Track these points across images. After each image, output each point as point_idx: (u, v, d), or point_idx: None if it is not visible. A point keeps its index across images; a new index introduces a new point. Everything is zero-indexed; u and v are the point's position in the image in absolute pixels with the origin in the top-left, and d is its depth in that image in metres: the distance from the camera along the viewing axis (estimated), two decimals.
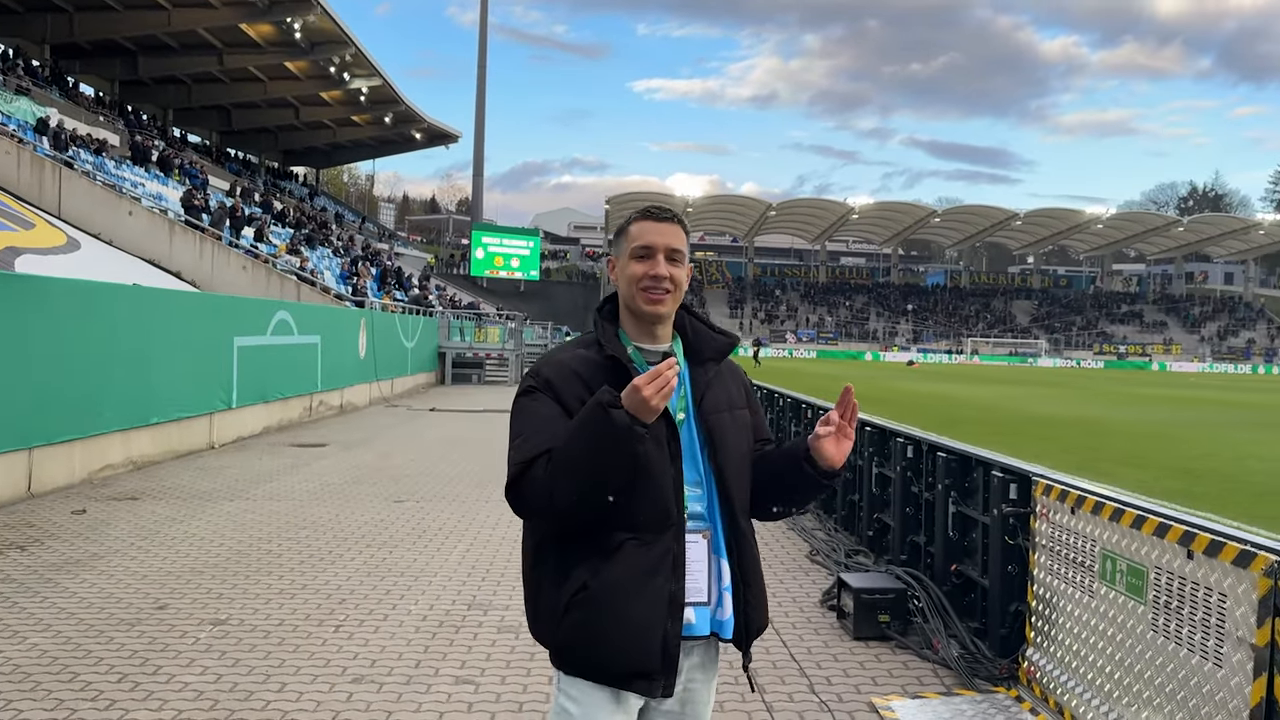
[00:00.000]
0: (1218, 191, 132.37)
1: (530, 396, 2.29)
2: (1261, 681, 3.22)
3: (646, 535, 2.19)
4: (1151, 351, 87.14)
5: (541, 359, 2.39)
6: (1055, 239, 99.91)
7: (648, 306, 2.31)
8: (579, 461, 2.09)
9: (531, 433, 2.21)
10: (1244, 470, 13.78)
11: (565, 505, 2.13)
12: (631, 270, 2.32)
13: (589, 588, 2.16)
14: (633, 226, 2.36)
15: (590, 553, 2.19)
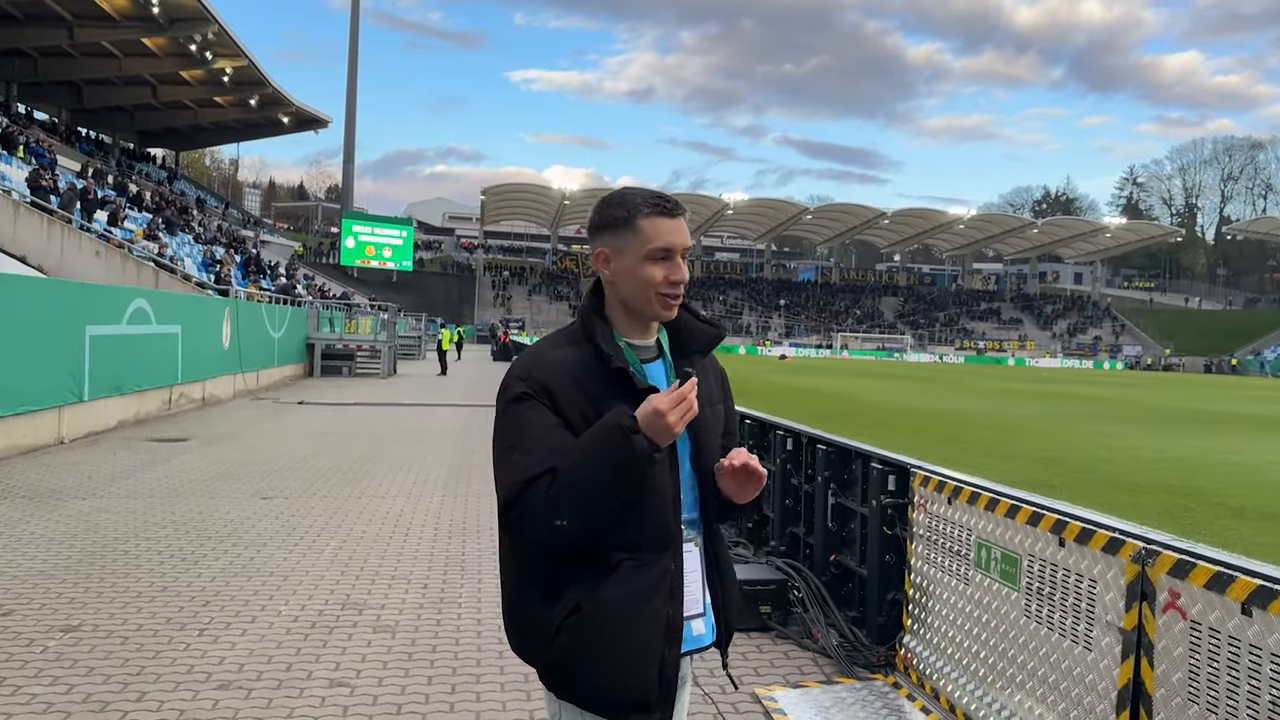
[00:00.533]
0: (1069, 196, 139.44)
1: (525, 404, 2.04)
2: (1129, 664, 3.34)
3: (645, 555, 2.05)
4: (1008, 347, 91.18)
5: (529, 357, 2.13)
6: (920, 238, 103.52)
7: (664, 311, 2.14)
8: (591, 488, 1.93)
9: (531, 446, 1.99)
10: (1095, 460, 14.51)
11: (570, 531, 1.95)
12: (649, 273, 2.10)
13: (582, 610, 2.00)
14: (644, 222, 2.10)
15: (583, 572, 2.02)
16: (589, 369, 2.07)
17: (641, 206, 2.10)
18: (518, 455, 1.99)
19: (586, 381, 2.05)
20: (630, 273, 2.11)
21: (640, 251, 2.10)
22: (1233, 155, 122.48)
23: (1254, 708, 2.84)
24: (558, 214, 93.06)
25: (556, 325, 35.74)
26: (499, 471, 2.02)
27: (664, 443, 1.95)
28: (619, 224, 2.12)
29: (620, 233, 2.12)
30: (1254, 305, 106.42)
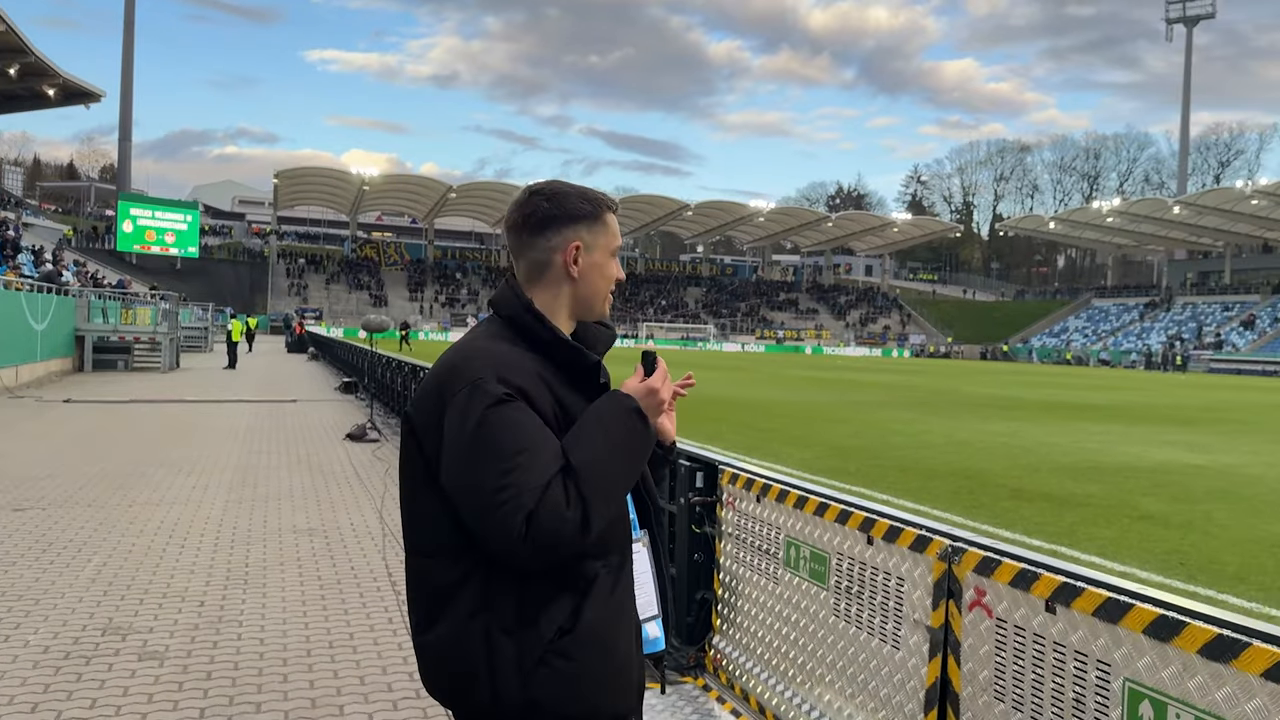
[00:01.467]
0: (860, 192, 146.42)
1: (512, 405, 1.81)
2: (936, 662, 3.31)
3: (614, 559, 1.93)
4: (805, 336, 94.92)
5: (487, 357, 1.88)
6: (722, 230, 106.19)
7: (607, 310, 2.12)
8: (616, 477, 1.84)
9: (538, 447, 1.78)
10: (889, 446, 15.12)
11: (597, 531, 1.78)
12: (612, 269, 2.09)
13: (573, 630, 1.84)
14: (610, 218, 2.08)
15: (560, 590, 1.85)
16: (547, 368, 1.93)
17: (604, 201, 2.08)
18: (525, 458, 1.75)
19: (552, 382, 1.92)
20: (598, 268, 2.05)
21: (609, 247, 2.08)
22: (1004, 157, 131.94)
23: (1058, 704, 2.83)
24: (357, 200, 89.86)
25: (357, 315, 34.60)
26: (502, 481, 1.73)
27: (654, 420, 1.95)
28: (589, 218, 2.04)
29: (592, 227, 2.05)
30: (1022, 297, 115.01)
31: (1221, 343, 76.59)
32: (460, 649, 1.85)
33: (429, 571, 1.90)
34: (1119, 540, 8.60)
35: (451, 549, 1.86)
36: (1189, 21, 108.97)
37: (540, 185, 2.06)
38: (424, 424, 1.89)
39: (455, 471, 1.80)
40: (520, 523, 1.70)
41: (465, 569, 1.85)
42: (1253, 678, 2.28)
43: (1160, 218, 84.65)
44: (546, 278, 2.03)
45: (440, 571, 1.88)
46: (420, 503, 1.91)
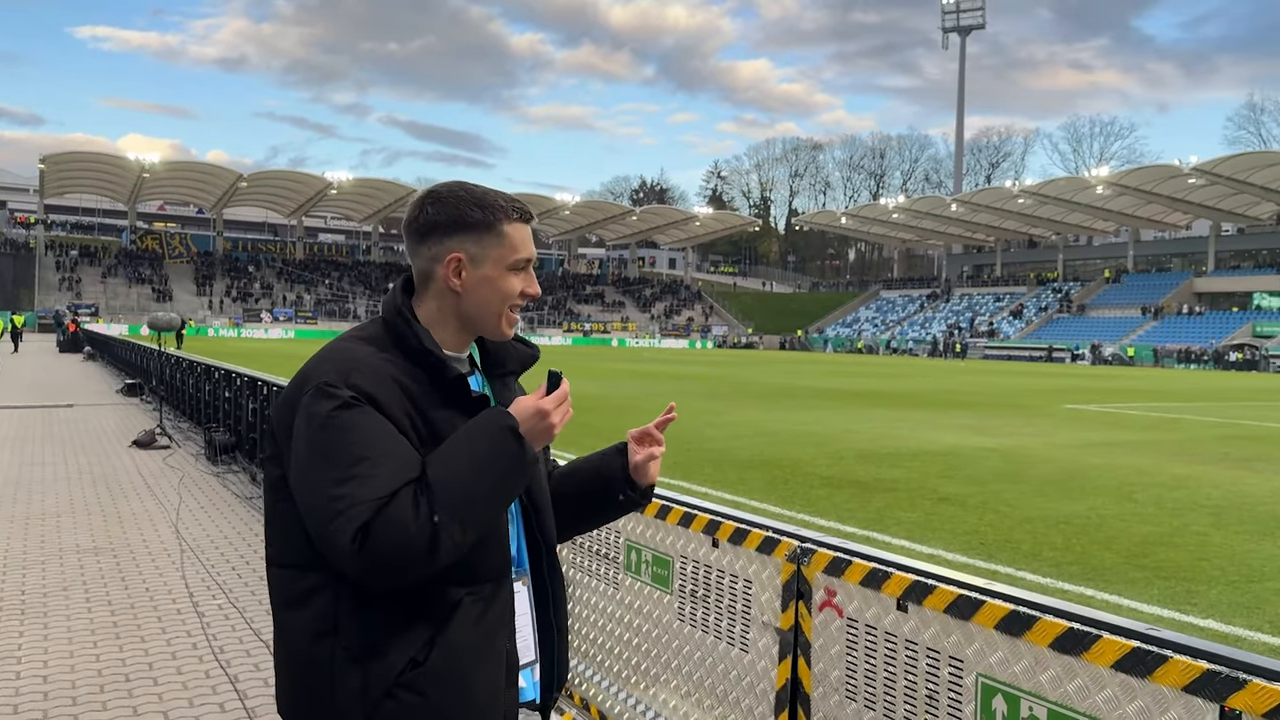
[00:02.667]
0: (663, 186, 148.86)
1: (357, 409, 1.65)
2: (786, 664, 3.29)
3: (482, 588, 1.77)
4: (612, 329, 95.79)
5: (339, 361, 1.73)
6: None
7: (508, 329, 1.93)
8: (479, 499, 1.66)
9: (382, 455, 1.62)
10: (701, 438, 15.38)
11: (448, 556, 1.61)
12: (510, 285, 1.87)
13: (425, 662, 1.69)
14: (510, 228, 1.86)
15: (415, 616, 1.70)
16: (413, 377, 1.77)
17: (506, 210, 1.87)
18: (365, 467, 1.60)
19: (413, 391, 1.75)
20: (490, 283, 1.86)
21: (505, 261, 1.87)
22: (799, 154, 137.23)
23: (911, 702, 2.86)
24: (136, 188, 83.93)
25: (139, 311, 32.48)
26: (338, 491, 1.59)
27: (540, 446, 1.77)
28: (479, 227, 1.85)
29: (481, 238, 1.85)
30: (817, 289, 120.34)
31: (994, 331, 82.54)
32: (305, 676, 1.73)
33: (281, 583, 1.78)
34: (924, 523, 9.01)
35: (302, 562, 1.72)
36: (962, 31, 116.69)
37: (438, 186, 1.90)
38: (279, 429, 1.76)
39: (297, 479, 1.68)
40: (351, 536, 1.56)
41: (315, 584, 1.71)
42: (1103, 669, 2.34)
43: (939, 214, 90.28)
44: (430, 288, 1.87)
45: (290, 584, 1.75)
46: (275, 510, 1.79)
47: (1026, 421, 19.86)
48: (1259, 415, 23.19)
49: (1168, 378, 47.59)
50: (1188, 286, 77.40)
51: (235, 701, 4.59)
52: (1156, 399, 28.80)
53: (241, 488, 10.15)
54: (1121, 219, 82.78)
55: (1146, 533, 8.78)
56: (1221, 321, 70.50)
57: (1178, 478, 12.17)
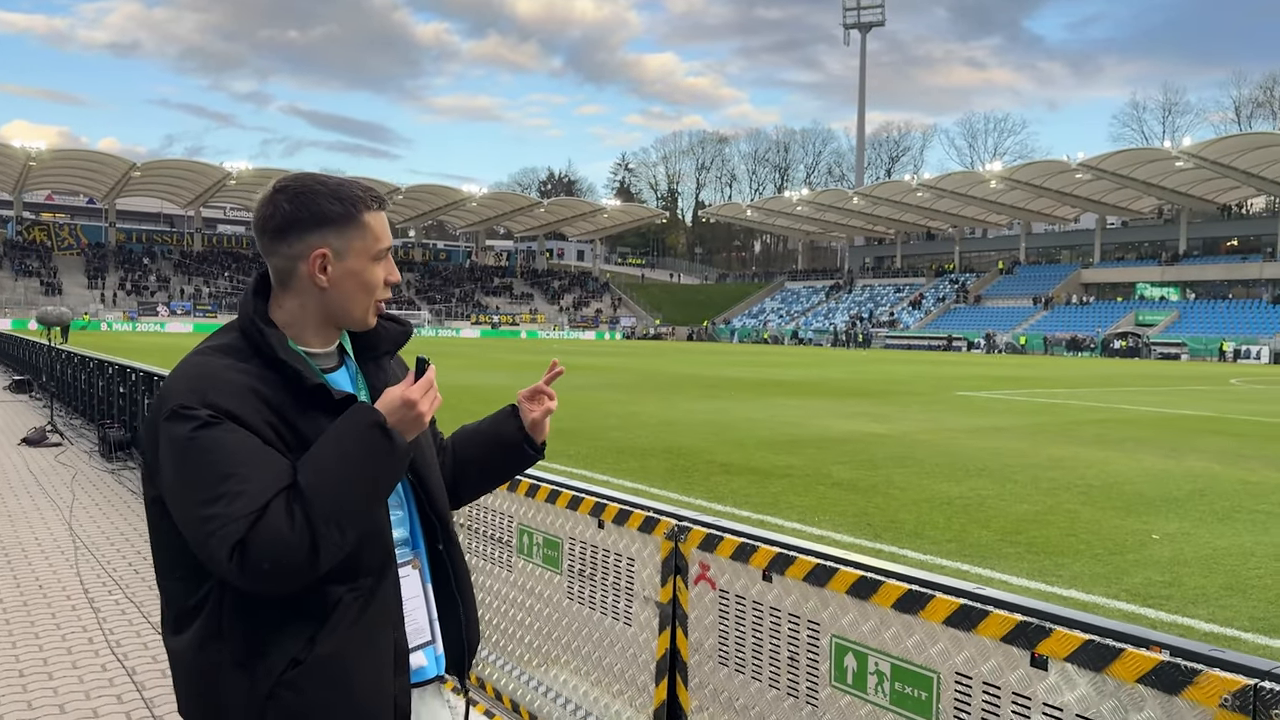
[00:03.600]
0: (571, 178, 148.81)
1: (218, 427, 1.64)
2: (666, 635, 3.52)
3: (364, 582, 1.78)
4: (520, 321, 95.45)
5: (193, 378, 1.72)
6: (435, 214, 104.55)
7: (374, 319, 1.93)
8: (350, 500, 1.66)
9: (249, 470, 1.62)
10: (606, 427, 15.58)
11: (330, 559, 1.64)
12: (374, 275, 1.87)
13: (304, 662, 1.71)
14: (369, 218, 1.85)
15: (295, 617, 1.71)
16: (273, 386, 1.75)
17: (364, 200, 1.85)
18: (233, 484, 1.60)
19: (274, 400, 1.74)
20: (354, 276, 1.85)
21: (369, 251, 1.85)
22: (705, 147, 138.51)
23: (775, 663, 3.10)
24: (22, 176, 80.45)
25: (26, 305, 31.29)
26: (207, 511, 1.59)
27: (410, 436, 1.76)
28: (339, 220, 1.82)
29: (343, 230, 1.83)
30: (724, 280, 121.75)
31: (895, 320, 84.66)
32: (195, 682, 1.76)
33: (173, 595, 1.80)
34: (816, 506, 9.38)
35: (187, 573, 1.74)
36: (863, 28, 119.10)
37: (287, 180, 1.86)
38: (148, 450, 1.77)
39: (170, 501, 1.70)
40: (228, 553, 1.57)
41: (204, 594, 1.73)
42: (936, 625, 2.61)
43: (842, 207, 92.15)
44: (292, 287, 1.84)
45: (182, 594, 1.77)
46: (156, 526, 1.80)
47: (921, 408, 20.57)
48: (1137, 400, 24.41)
49: (1056, 365, 49.56)
50: (1075, 278, 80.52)
51: (133, 693, 4.64)
52: (1043, 385, 30.04)
53: (138, 484, 10.00)
54: (1014, 212, 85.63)
55: (1022, 511, 9.29)
56: (1107, 311, 73.57)
57: (1055, 459, 12.83)
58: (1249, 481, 11.32)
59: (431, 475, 2.03)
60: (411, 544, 1.98)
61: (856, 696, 2.82)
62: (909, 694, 2.68)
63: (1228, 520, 9.05)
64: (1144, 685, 2.17)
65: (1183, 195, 73.69)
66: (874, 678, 2.77)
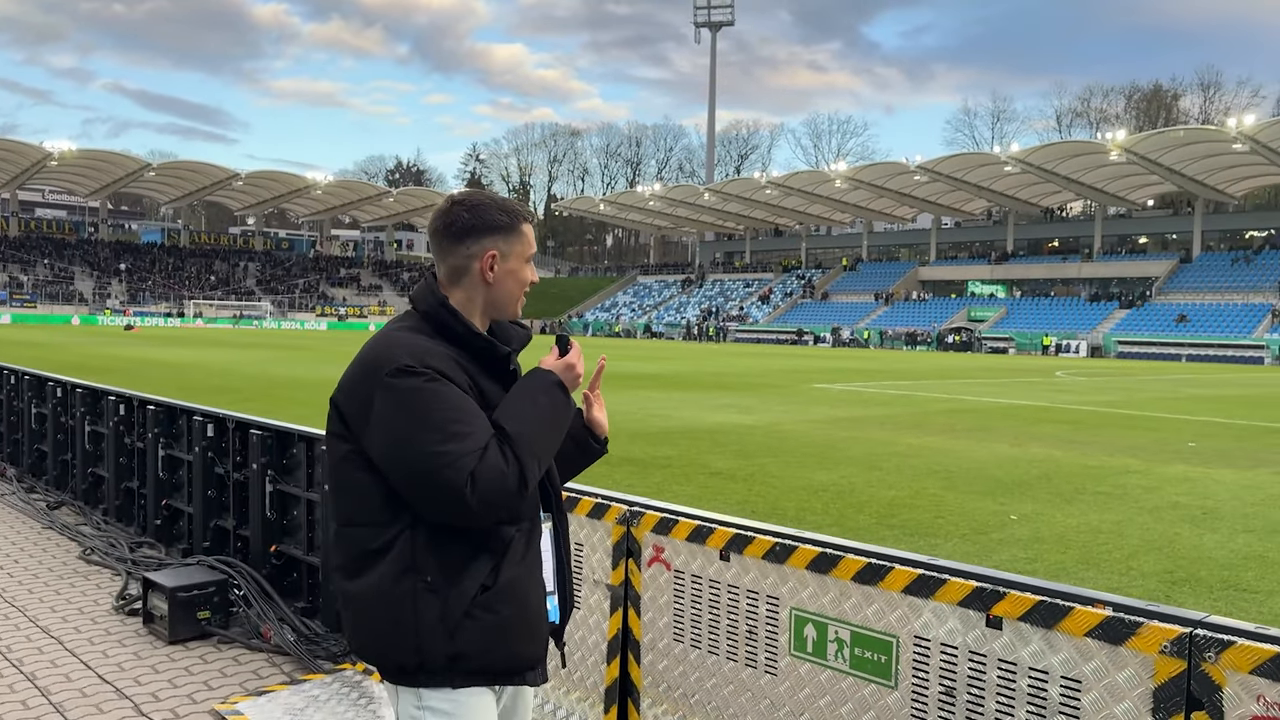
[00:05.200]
0: (420, 167, 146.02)
1: (439, 382, 2.03)
2: (618, 616, 3.67)
3: (525, 525, 2.16)
4: (369, 313, 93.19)
5: (407, 346, 2.08)
6: (277, 202, 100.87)
7: (519, 310, 2.33)
8: (545, 444, 2.10)
9: (470, 417, 2.02)
10: None
11: (531, 488, 2.06)
12: (525, 275, 2.29)
13: (493, 587, 2.07)
14: (525, 228, 2.28)
15: (479, 551, 2.07)
16: (463, 357, 2.14)
17: (522, 213, 2.27)
18: (460, 427, 1.99)
19: (468, 368, 2.13)
20: (513, 275, 2.25)
21: (524, 255, 2.27)
22: (557, 140, 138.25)
23: (733, 637, 3.30)
24: None
25: None
26: (442, 448, 1.95)
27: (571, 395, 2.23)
28: (505, 229, 2.23)
29: (508, 237, 2.24)
30: (577, 274, 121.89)
31: (744, 315, 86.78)
32: (387, 607, 2.05)
33: (357, 539, 2.09)
34: (699, 495, 9.67)
35: (380, 520, 2.05)
36: (713, 27, 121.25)
37: (462, 195, 2.27)
38: (352, 409, 2.08)
39: (393, 447, 2.00)
40: (464, 481, 1.93)
41: (392, 536, 2.04)
42: (895, 594, 2.86)
43: (693, 202, 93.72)
44: (464, 282, 2.23)
45: (368, 538, 2.07)
46: (348, 480, 2.10)
47: (781, 400, 21.29)
48: (977, 391, 25.91)
49: (897, 358, 51.91)
50: (913, 275, 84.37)
51: (38, 698, 4.47)
52: (890, 378, 31.48)
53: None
54: (857, 211, 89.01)
55: (891, 496, 9.83)
56: (942, 307, 77.41)
57: (913, 447, 13.56)
58: (1087, 465, 12.28)
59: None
60: (541, 507, 2.31)
61: (816, 663, 3.05)
62: (868, 658, 2.92)
63: (1074, 501, 9.81)
64: (1092, 638, 2.47)
65: (1010, 198, 78.20)
66: (834, 645, 3.01)
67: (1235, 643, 2.25)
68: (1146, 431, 16.52)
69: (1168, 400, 24.28)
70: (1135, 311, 66.59)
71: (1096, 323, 66.56)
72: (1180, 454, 13.57)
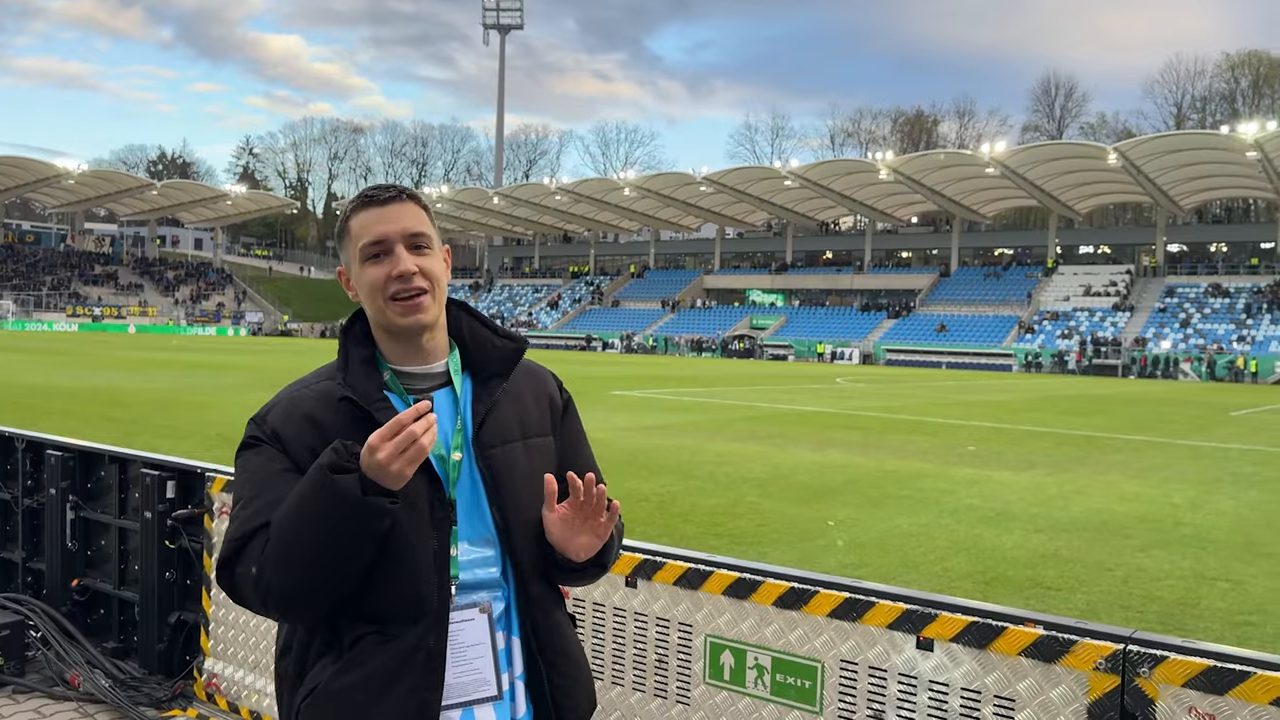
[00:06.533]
0: (186, 159, 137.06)
1: (252, 450, 1.77)
2: None
3: (391, 628, 1.71)
4: (128, 314, 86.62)
5: (274, 399, 1.84)
6: (19, 190, 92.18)
7: (404, 319, 1.77)
8: (302, 543, 1.62)
9: (252, 496, 1.72)
10: None
11: (285, 597, 1.66)
12: (370, 277, 1.78)
13: (316, 692, 1.71)
14: (352, 221, 1.81)
15: (325, 648, 1.74)
16: (329, 402, 1.78)
17: (350, 206, 1.84)
18: (237, 509, 1.74)
19: (323, 416, 1.77)
20: (358, 281, 1.82)
21: (357, 256, 1.81)
22: (338, 136, 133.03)
23: (640, 665, 3.18)
24: None
25: None
26: (226, 529, 1.77)
27: (390, 485, 1.60)
28: (340, 235, 1.86)
29: (343, 243, 1.85)
30: None
31: (533, 321, 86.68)
32: (277, 693, 1.86)
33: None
34: None
35: None
36: (502, 29, 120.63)
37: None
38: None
39: None
40: (219, 567, 1.73)
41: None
42: (820, 618, 2.83)
43: (482, 206, 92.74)
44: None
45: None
46: None
47: (583, 407, 21.16)
48: (767, 398, 26.87)
49: (687, 365, 53.23)
50: (699, 283, 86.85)
51: None
52: (684, 384, 32.19)
53: None
54: (645, 219, 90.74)
55: (713, 505, 9.98)
56: (726, 315, 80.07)
57: (722, 455, 13.86)
58: (885, 470, 12.93)
59: (516, 515, 1.82)
60: (502, 587, 1.82)
61: (734, 691, 2.97)
62: (791, 684, 2.87)
63: (881, 505, 10.29)
64: (1025, 657, 2.51)
65: (789, 211, 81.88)
66: (754, 672, 2.94)
67: (1168, 657, 2.33)
68: (929, 436, 17.60)
69: (940, 405, 26.03)
70: (902, 321, 71.19)
71: (867, 331, 70.69)
72: (964, 457, 14.53)
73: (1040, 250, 75.25)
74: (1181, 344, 59.26)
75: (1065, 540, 8.82)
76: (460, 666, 1.74)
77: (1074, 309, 66.37)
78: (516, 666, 1.82)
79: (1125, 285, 67.44)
